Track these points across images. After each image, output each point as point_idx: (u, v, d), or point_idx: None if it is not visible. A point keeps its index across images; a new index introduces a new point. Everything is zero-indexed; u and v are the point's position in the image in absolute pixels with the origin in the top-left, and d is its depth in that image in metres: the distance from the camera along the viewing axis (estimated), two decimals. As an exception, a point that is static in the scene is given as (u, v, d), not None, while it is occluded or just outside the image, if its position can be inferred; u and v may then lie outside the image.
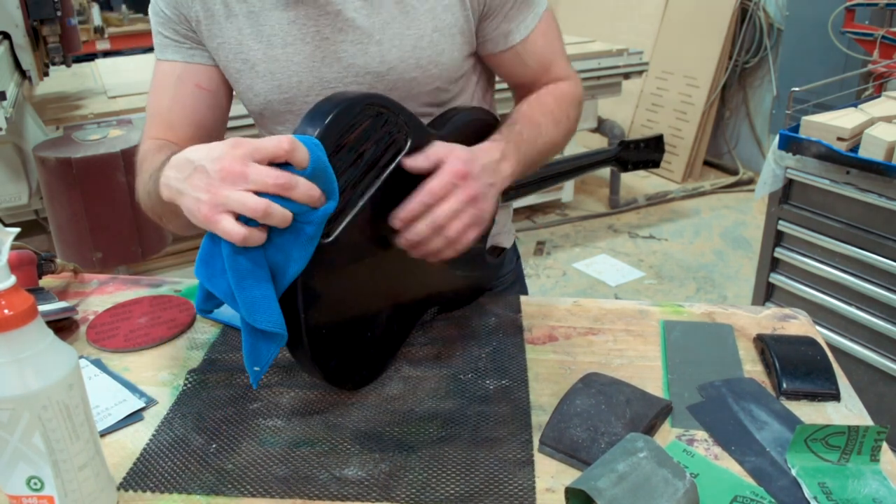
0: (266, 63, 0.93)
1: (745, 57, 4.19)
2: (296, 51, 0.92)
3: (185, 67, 0.96)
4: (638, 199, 4.07)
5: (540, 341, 0.96)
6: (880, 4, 2.76)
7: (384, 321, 0.87)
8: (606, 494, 0.61)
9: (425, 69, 0.93)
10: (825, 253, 1.92)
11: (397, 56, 0.91)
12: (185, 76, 0.96)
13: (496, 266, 1.08)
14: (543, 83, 1.02)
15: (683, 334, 0.96)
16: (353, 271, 0.81)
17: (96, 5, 4.63)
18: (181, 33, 0.95)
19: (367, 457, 0.75)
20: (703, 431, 0.79)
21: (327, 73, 0.93)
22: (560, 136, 0.98)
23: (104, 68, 3.10)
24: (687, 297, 3.11)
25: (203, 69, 0.97)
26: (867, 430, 0.71)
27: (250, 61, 0.93)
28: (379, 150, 0.78)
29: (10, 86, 1.93)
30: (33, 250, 1.04)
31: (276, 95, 0.95)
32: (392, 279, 0.87)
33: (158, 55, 0.98)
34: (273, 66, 0.93)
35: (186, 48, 0.96)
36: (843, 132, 1.81)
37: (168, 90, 0.97)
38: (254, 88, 0.95)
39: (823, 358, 0.88)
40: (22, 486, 0.63)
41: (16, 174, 2.17)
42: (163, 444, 0.77)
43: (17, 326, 0.58)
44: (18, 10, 2.03)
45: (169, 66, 0.97)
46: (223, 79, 0.98)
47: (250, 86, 0.95)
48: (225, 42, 0.94)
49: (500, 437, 0.78)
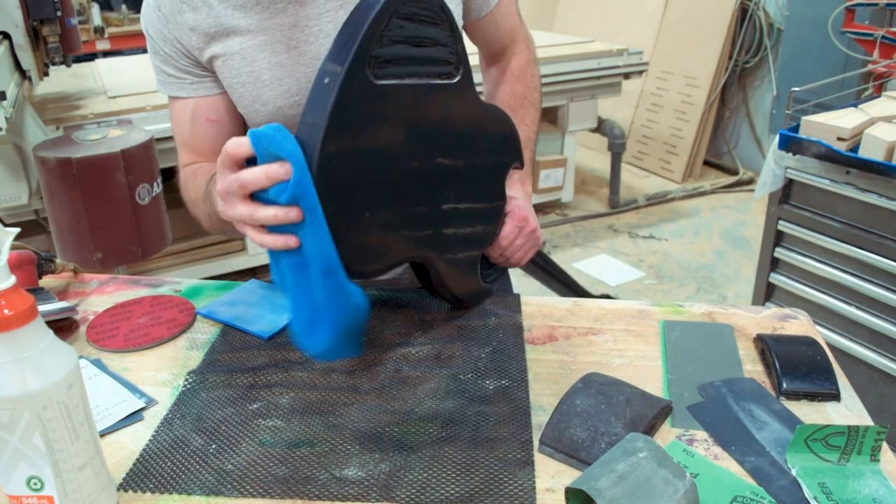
0: (272, 71, 0.93)
1: (745, 57, 4.19)
2: (301, 53, 0.93)
3: (194, 103, 0.99)
4: (638, 199, 4.07)
5: (540, 341, 0.96)
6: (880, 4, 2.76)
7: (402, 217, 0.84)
8: (606, 494, 0.61)
9: None
10: (825, 253, 1.92)
11: None
12: (196, 113, 0.99)
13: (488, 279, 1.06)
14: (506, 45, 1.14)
15: (683, 334, 0.96)
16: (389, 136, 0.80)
17: (96, 5, 4.63)
18: (182, 69, 0.96)
19: (367, 457, 0.75)
20: (703, 431, 0.79)
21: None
22: (538, 109, 1.16)
23: (104, 68, 3.10)
24: (687, 297, 3.11)
25: (210, 101, 0.99)
26: (867, 430, 0.71)
27: (255, 73, 0.93)
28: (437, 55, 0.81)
29: (10, 86, 1.93)
30: (33, 250, 1.04)
31: (285, 100, 0.95)
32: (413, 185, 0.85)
33: (165, 91, 1.00)
34: (279, 73, 0.93)
35: (189, 83, 0.97)
36: (843, 132, 1.81)
37: (185, 125, 1.01)
38: (261, 98, 0.95)
39: (823, 358, 0.88)
40: (22, 486, 0.63)
41: (16, 174, 2.17)
42: (163, 445, 0.77)
43: (17, 326, 0.58)
44: (18, 10, 2.03)
45: (179, 103, 1.00)
46: (231, 104, 1.00)
47: (257, 96, 0.95)
48: (228, 59, 0.94)
49: (500, 437, 0.78)
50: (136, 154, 2.02)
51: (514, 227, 1.00)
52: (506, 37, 1.13)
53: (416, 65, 0.80)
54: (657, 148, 4.49)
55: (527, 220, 1.01)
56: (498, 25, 1.11)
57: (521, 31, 1.16)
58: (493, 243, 1.00)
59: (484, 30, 1.11)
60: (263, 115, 0.96)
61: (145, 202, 2.07)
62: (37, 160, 1.99)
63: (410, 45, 0.79)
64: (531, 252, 1.06)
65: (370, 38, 0.75)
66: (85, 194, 1.96)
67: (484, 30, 1.11)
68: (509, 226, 1.00)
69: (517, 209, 1.01)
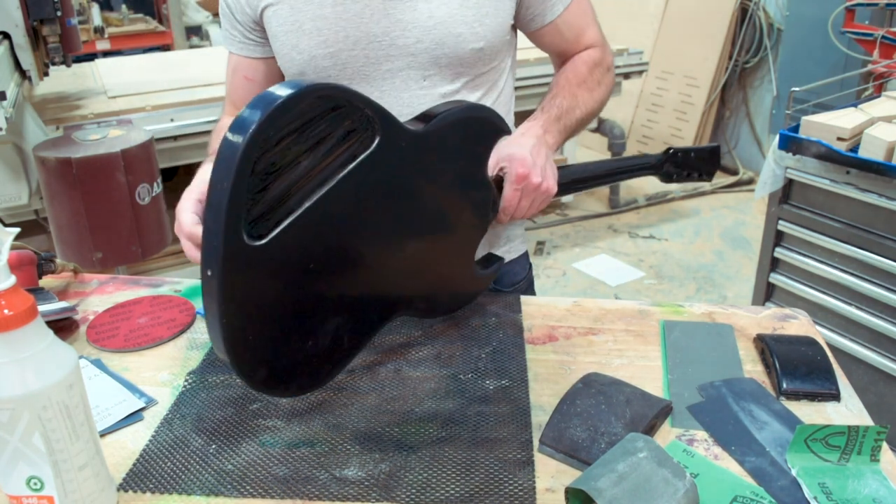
0: (314, 21, 0.97)
1: (745, 57, 4.19)
2: (345, 9, 0.96)
3: (237, 60, 1.09)
4: (638, 199, 4.07)
5: (540, 341, 0.96)
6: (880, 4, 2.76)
7: (332, 330, 0.81)
8: (606, 494, 0.61)
9: (471, 26, 0.98)
10: (825, 253, 1.92)
11: (445, 12, 0.96)
12: (238, 68, 1.10)
13: (486, 276, 1.01)
14: (578, 51, 1.11)
15: (683, 334, 0.96)
16: (295, 275, 0.75)
17: (96, 5, 4.64)
18: (235, 25, 1.05)
19: (367, 457, 0.75)
20: (703, 431, 0.79)
21: (374, 28, 0.96)
22: (595, 103, 1.09)
23: (104, 68, 3.10)
24: (687, 297, 3.11)
25: (250, 63, 1.08)
26: (867, 430, 0.71)
27: (298, 21, 0.98)
28: (333, 148, 0.74)
29: (10, 86, 1.93)
30: (33, 250, 1.04)
31: (320, 50, 0.98)
32: (346, 286, 0.81)
33: (224, 43, 1.11)
34: (320, 24, 0.97)
35: (237, 41, 1.07)
36: (843, 132, 1.81)
37: (229, 77, 1.12)
38: (298, 46, 0.99)
39: (823, 358, 0.88)
40: (22, 486, 0.63)
41: (16, 174, 2.16)
42: (162, 445, 0.77)
43: (17, 326, 0.58)
44: (18, 10, 2.03)
45: (231, 57, 1.11)
46: (268, 70, 1.08)
47: (295, 44, 0.99)
48: (278, 9, 0.99)
49: (500, 437, 0.78)
50: (136, 154, 2.02)
51: (514, 190, 0.93)
52: (573, 45, 1.10)
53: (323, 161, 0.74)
54: (657, 148, 4.48)
55: (527, 177, 0.92)
56: (564, 34, 1.08)
57: (593, 38, 1.11)
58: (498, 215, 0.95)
59: (549, 38, 1.09)
60: (298, 64, 1.00)
61: (145, 202, 2.07)
62: (37, 160, 1.99)
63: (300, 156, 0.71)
64: (543, 203, 0.97)
65: (238, 209, 0.68)
66: (85, 194, 1.96)
67: (549, 38, 1.09)
68: (508, 190, 0.93)
69: (514, 166, 0.92)
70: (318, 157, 0.73)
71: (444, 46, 0.97)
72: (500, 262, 1.03)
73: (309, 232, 0.74)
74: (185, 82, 2.70)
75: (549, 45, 1.11)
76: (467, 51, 0.98)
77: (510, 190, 0.93)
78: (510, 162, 0.92)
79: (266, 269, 0.72)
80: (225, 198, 0.67)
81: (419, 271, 0.88)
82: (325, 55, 0.98)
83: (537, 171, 0.92)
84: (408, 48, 0.97)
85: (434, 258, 0.90)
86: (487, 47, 1.00)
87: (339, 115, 0.73)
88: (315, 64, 0.99)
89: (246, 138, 0.66)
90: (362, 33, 0.97)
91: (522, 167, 0.92)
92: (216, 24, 5.36)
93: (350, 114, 0.74)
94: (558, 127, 1.02)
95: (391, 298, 0.87)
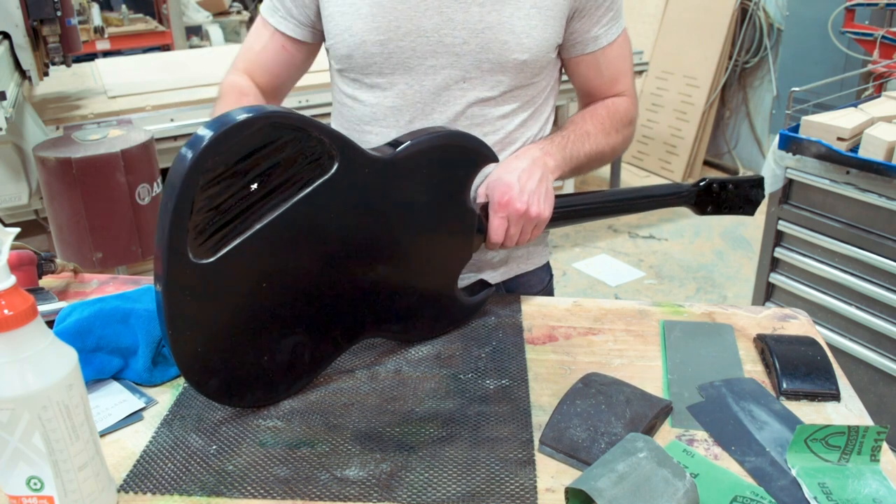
0: (370, 7, 0.98)
1: (745, 57, 4.19)
2: (402, 0, 0.97)
3: (272, 32, 1.10)
4: (638, 199, 4.06)
5: (540, 341, 0.96)
6: (880, 4, 2.76)
7: (290, 347, 0.82)
8: (606, 494, 0.61)
9: (518, 36, 0.98)
10: (825, 253, 1.92)
11: (495, 18, 0.97)
12: (277, 36, 1.10)
13: (472, 304, 0.98)
14: (608, 95, 1.11)
15: (683, 334, 0.96)
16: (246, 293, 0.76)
17: (96, 5, 4.64)
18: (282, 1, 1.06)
19: (368, 457, 0.75)
20: (703, 431, 0.79)
21: (426, 23, 0.97)
22: (608, 146, 1.08)
23: (104, 68, 3.10)
24: (687, 297, 3.11)
25: (292, 39, 1.09)
26: (867, 430, 0.71)
27: (356, 5, 0.99)
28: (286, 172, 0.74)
29: (10, 86, 1.93)
30: (33, 250, 1.04)
31: (372, 36, 0.99)
32: (303, 306, 0.81)
33: (264, 13, 1.11)
34: (376, 10, 0.98)
35: (280, 15, 1.08)
36: (843, 132, 1.81)
37: (262, 39, 1.11)
38: (352, 29, 1.00)
39: (823, 358, 0.88)
40: (22, 486, 0.63)
41: (16, 174, 2.16)
42: (163, 446, 0.77)
43: (17, 326, 0.58)
44: (18, 10, 2.03)
45: (266, 27, 1.11)
46: (303, 51, 1.11)
47: (349, 26, 1.00)
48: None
49: (501, 436, 0.78)
50: (135, 154, 2.02)
51: (500, 218, 0.92)
52: (606, 86, 1.10)
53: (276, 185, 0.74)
54: (657, 148, 4.49)
55: (509, 205, 0.91)
56: (601, 70, 1.08)
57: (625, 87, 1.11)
58: (487, 244, 0.95)
59: (584, 69, 1.08)
60: (348, 46, 1.01)
61: (145, 202, 2.07)
62: (37, 160, 1.99)
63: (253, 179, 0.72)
64: (537, 231, 0.95)
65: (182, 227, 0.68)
66: (85, 194, 1.96)
67: (584, 69, 1.08)
68: (493, 218, 0.92)
69: (496, 193, 0.92)
70: (271, 180, 0.74)
71: (489, 51, 0.98)
72: (490, 289, 1.00)
73: (261, 253, 0.75)
74: (185, 82, 2.70)
75: (584, 78, 1.09)
76: (510, 60, 0.99)
77: (495, 218, 0.92)
78: (492, 188, 0.93)
79: (214, 286, 0.73)
80: (168, 216, 0.68)
81: (391, 295, 0.88)
82: (375, 42, 0.99)
83: (523, 197, 0.91)
84: (454, 48, 0.98)
85: (406, 283, 0.89)
86: (531, 60, 1.00)
87: (293, 140, 0.74)
88: (364, 49, 1.00)
89: (195, 155, 0.67)
90: (414, 26, 0.98)
91: (504, 194, 0.91)
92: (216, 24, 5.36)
93: (304, 140, 0.75)
94: (562, 154, 1.00)
95: (357, 320, 0.87)
